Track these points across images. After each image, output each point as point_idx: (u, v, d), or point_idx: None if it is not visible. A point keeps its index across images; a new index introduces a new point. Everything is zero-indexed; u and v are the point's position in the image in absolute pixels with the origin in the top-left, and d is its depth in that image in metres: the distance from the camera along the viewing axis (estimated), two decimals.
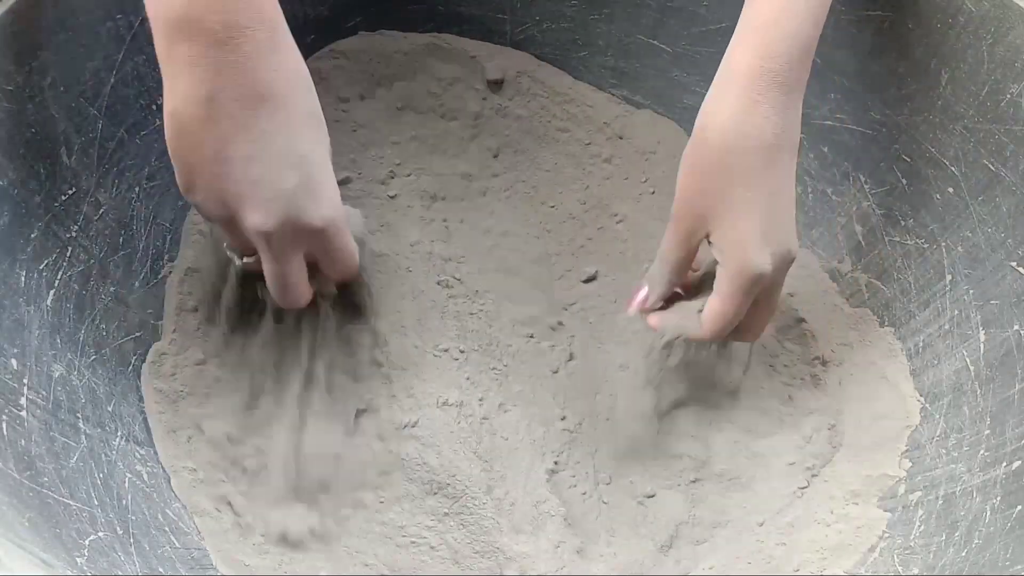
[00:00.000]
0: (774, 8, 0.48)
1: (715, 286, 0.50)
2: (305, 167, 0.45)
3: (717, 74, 0.50)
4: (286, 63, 0.44)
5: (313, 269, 0.50)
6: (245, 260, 0.50)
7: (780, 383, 0.61)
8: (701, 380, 0.57)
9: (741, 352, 0.57)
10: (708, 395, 0.57)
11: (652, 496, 0.55)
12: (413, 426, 0.56)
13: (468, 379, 0.58)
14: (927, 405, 0.57)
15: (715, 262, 0.50)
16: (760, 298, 0.51)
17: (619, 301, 0.63)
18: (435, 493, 0.54)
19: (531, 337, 0.61)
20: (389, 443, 0.56)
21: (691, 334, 0.53)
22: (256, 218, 0.45)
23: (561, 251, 0.67)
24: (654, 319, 0.54)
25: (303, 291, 0.50)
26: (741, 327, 0.52)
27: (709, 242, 0.50)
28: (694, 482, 0.56)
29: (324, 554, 0.54)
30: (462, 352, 0.59)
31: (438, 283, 0.61)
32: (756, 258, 0.49)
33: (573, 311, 0.64)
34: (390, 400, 0.57)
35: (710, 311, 0.51)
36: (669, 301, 0.54)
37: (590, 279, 0.65)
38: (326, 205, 0.46)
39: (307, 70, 0.46)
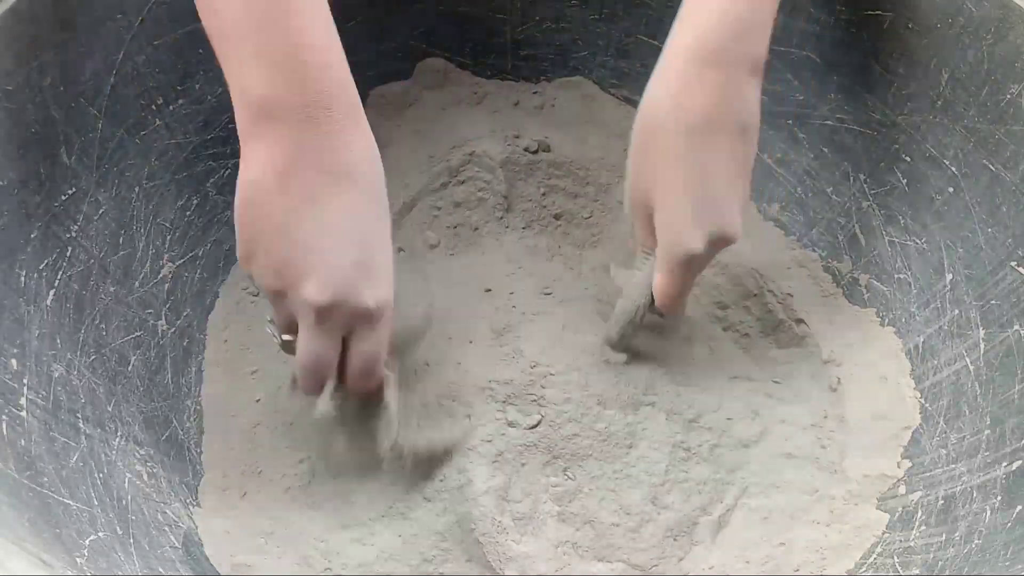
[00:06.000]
0: None
1: (657, 266, 0.53)
2: (367, 246, 0.46)
3: (660, 55, 0.51)
4: (360, 143, 0.46)
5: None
6: (285, 338, 0.49)
7: (780, 383, 0.61)
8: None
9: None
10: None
11: (653, 498, 0.55)
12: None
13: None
14: (927, 405, 0.57)
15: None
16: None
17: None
18: (435, 491, 0.54)
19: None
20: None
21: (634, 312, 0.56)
22: (311, 290, 0.45)
23: (568, 248, 0.68)
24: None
25: (322, 379, 0.49)
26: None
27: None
28: (694, 483, 0.56)
29: (320, 551, 0.54)
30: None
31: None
32: (686, 239, 0.50)
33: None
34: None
35: (656, 287, 0.54)
36: None
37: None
38: (382, 288, 0.47)
39: (377, 151, 0.47)
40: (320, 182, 0.44)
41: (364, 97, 0.59)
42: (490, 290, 0.62)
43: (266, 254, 0.45)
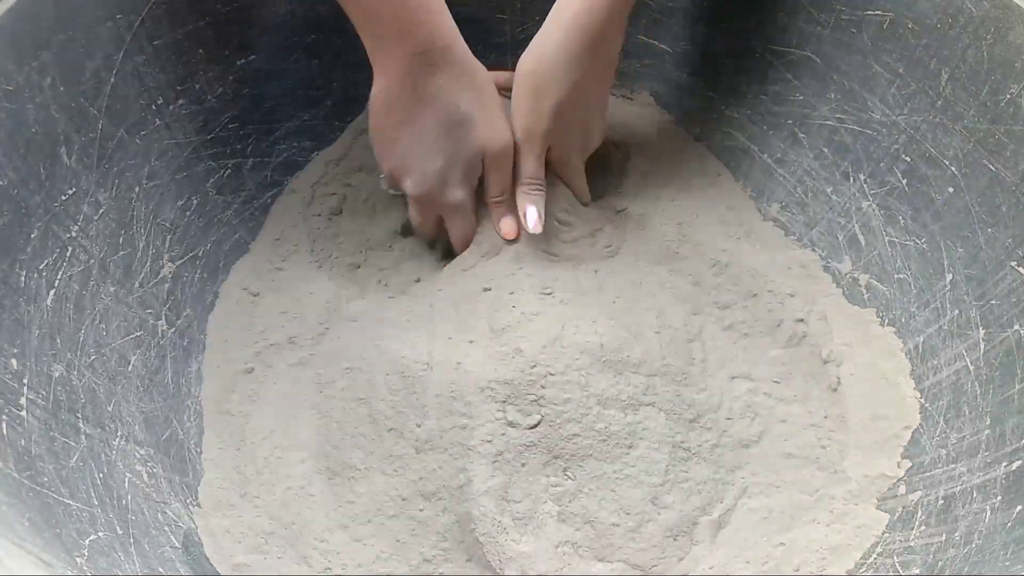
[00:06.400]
0: None
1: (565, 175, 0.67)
2: (446, 158, 0.61)
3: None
4: (447, 77, 0.59)
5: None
6: (391, 191, 0.66)
7: (780, 383, 0.61)
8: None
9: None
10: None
11: (653, 498, 0.55)
12: (418, 426, 0.56)
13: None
14: (927, 405, 0.57)
15: None
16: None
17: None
18: (435, 491, 0.54)
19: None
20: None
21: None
22: (409, 185, 0.63)
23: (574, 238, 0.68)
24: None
25: (430, 233, 0.68)
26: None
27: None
28: (694, 483, 0.56)
29: (319, 551, 0.54)
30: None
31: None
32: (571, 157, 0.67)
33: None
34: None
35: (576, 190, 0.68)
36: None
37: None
38: (460, 191, 0.63)
39: (470, 79, 0.60)
40: (416, 107, 0.59)
41: (364, 99, 0.60)
42: (490, 290, 0.62)
43: (382, 154, 0.63)
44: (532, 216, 0.64)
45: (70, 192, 0.53)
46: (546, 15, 0.70)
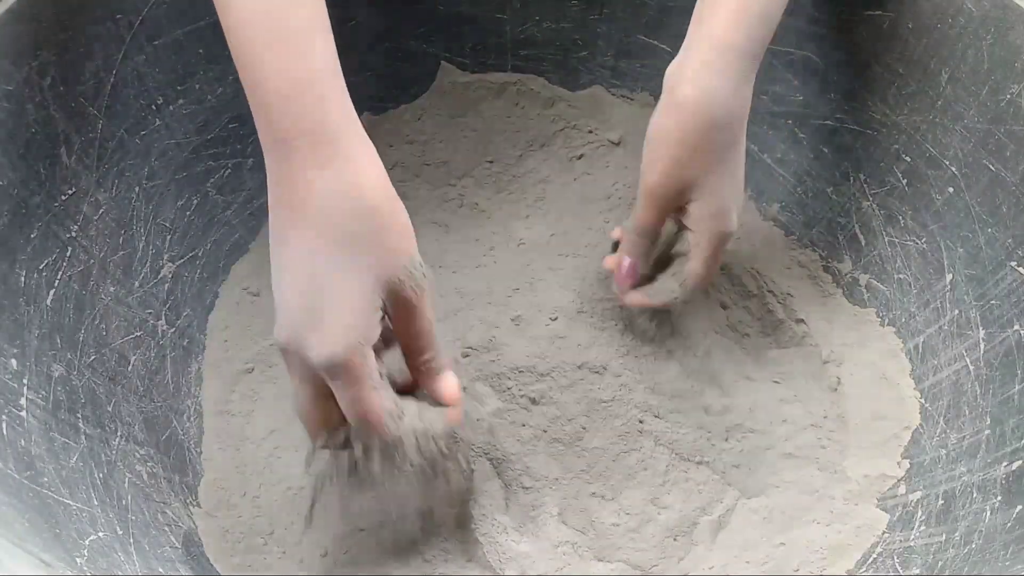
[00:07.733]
0: None
1: (694, 252, 0.54)
2: (315, 294, 0.42)
3: (691, 43, 0.52)
4: (327, 179, 0.41)
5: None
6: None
7: (780, 383, 0.61)
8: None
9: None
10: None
11: (653, 498, 0.55)
12: None
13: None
14: (927, 405, 0.57)
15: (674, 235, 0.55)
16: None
17: None
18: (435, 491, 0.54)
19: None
20: None
21: (670, 300, 0.56)
22: (275, 329, 0.44)
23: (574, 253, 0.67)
24: (636, 297, 0.56)
25: (313, 423, 0.46)
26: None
27: (684, 211, 0.53)
28: (694, 483, 0.56)
29: (320, 551, 0.54)
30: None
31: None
32: (730, 222, 0.53)
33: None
34: None
35: (694, 276, 0.55)
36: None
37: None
38: (327, 345, 0.42)
39: (363, 187, 0.42)
40: (285, 218, 0.43)
41: (364, 100, 0.58)
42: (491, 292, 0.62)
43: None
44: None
45: (70, 192, 0.53)
46: (545, 15, 0.70)
